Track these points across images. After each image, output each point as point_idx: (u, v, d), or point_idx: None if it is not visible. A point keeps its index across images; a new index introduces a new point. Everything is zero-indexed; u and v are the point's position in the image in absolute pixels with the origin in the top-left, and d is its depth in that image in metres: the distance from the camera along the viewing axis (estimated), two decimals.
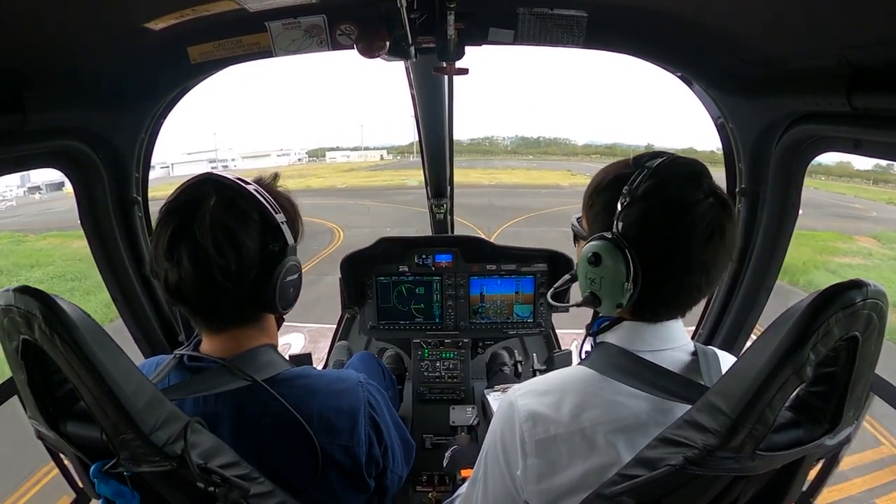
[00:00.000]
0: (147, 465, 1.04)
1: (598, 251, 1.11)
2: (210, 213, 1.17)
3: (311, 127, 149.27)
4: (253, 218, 1.22)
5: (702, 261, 1.08)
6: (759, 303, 2.10)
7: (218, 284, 1.17)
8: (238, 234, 1.19)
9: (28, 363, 1.07)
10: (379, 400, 1.40)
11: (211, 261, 1.15)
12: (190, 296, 1.19)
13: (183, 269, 1.15)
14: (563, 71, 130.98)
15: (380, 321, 2.83)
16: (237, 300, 1.23)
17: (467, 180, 44.70)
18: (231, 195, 1.22)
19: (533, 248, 2.81)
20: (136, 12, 1.44)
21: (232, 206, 1.20)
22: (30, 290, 1.02)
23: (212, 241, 1.15)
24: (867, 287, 0.88)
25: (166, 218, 1.19)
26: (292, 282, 1.29)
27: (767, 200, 1.89)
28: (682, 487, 0.94)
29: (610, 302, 1.15)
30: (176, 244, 1.15)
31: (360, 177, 53.22)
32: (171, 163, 77.09)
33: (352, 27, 1.66)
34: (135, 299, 2.24)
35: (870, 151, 1.37)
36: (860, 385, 0.94)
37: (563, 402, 1.15)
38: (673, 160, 1.11)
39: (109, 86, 1.75)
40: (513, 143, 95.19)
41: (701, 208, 1.06)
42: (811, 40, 1.33)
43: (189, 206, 1.18)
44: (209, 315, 1.25)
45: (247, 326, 1.29)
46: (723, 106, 1.89)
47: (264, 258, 1.23)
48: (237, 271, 1.19)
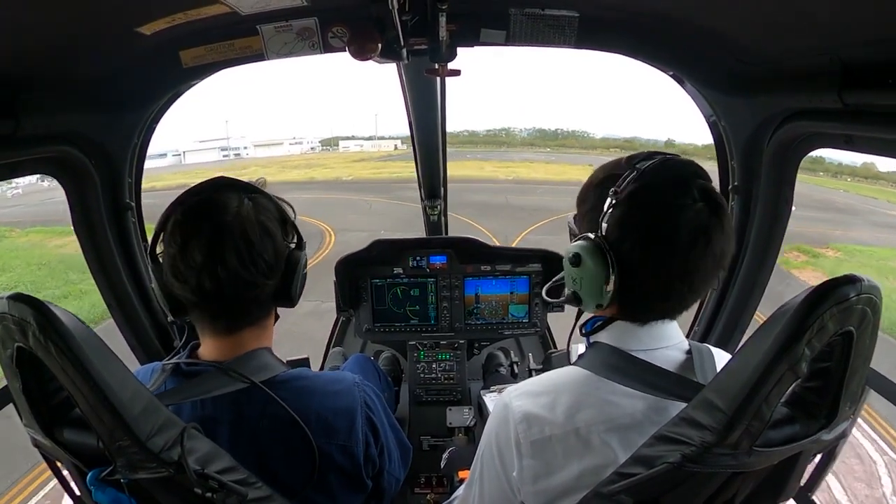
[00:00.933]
0: (144, 471, 1.04)
1: (580, 251, 1.12)
2: (248, 211, 1.22)
3: (324, 115, 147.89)
4: (275, 215, 1.29)
5: (683, 267, 1.07)
6: (754, 300, 2.11)
7: (259, 277, 1.22)
8: (271, 228, 1.25)
9: (23, 371, 1.06)
10: (375, 401, 1.41)
11: (256, 256, 1.20)
12: (222, 295, 1.20)
13: (227, 266, 1.17)
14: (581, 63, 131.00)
15: (375, 324, 2.82)
16: (265, 293, 1.27)
17: (482, 174, 41.33)
18: (253, 195, 1.28)
19: (527, 249, 2.82)
20: (128, 17, 1.44)
21: (259, 204, 1.27)
22: (24, 297, 1.02)
23: (258, 237, 1.21)
24: (861, 282, 0.89)
25: (195, 221, 1.20)
26: (305, 275, 1.36)
27: (760, 198, 1.89)
28: (680, 485, 0.94)
29: (590, 302, 1.16)
30: (218, 244, 1.17)
31: (368, 168, 49.06)
32: (182, 150, 76.65)
33: (343, 29, 1.66)
34: (129, 305, 2.23)
35: (861, 147, 1.38)
36: (855, 380, 0.95)
37: (557, 403, 1.15)
38: (663, 162, 1.10)
39: (102, 91, 1.74)
40: (530, 135, 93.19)
41: (686, 214, 1.05)
42: (803, 38, 1.34)
43: (218, 208, 1.21)
44: (230, 315, 1.27)
45: (253, 327, 1.30)
46: (715, 104, 1.90)
47: (286, 252, 1.30)
48: (275, 265, 1.26)
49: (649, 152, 1.14)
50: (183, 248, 1.18)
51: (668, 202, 1.06)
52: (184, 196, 1.25)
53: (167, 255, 1.21)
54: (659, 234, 1.06)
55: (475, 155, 59.31)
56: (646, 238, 1.07)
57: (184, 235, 1.18)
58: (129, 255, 2.18)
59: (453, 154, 60.44)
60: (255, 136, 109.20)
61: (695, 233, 1.05)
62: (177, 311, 1.27)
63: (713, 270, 1.11)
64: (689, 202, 1.05)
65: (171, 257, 1.20)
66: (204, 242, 1.17)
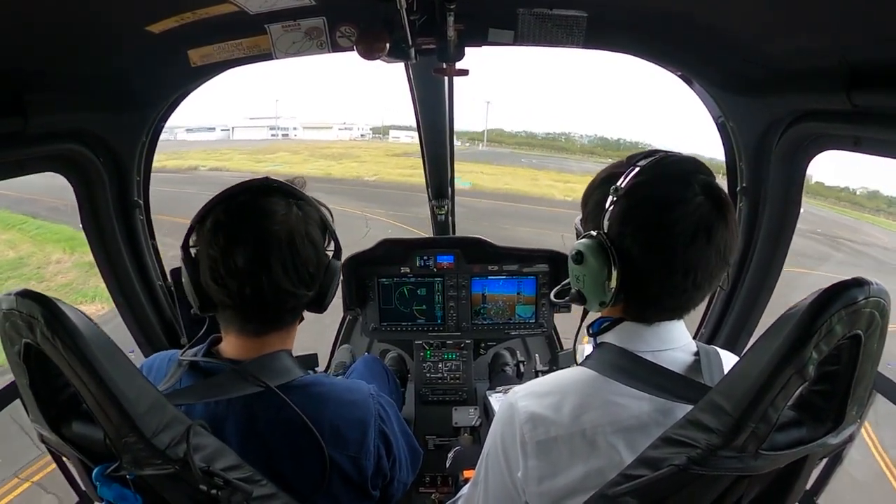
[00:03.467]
0: (150, 468, 1.04)
1: (582, 249, 1.12)
2: (296, 219, 1.21)
3: (379, 102, 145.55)
4: (318, 222, 1.28)
5: (684, 262, 1.07)
6: (762, 302, 2.10)
7: (300, 288, 1.22)
8: (315, 238, 1.25)
9: (30, 367, 1.07)
10: (389, 412, 1.40)
11: (300, 267, 1.20)
12: (262, 302, 1.20)
13: (272, 276, 1.17)
14: (643, 75, 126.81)
15: (382, 323, 2.83)
16: (303, 302, 1.28)
17: (536, 189, 33.85)
18: (300, 201, 1.26)
19: (534, 249, 2.82)
20: (138, 15, 1.45)
21: (304, 212, 1.26)
22: (31, 293, 1.03)
23: (304, 247, 1.20)
24: (869, 285, 0.88)
25: (240, 226, 1.18)
26: (339, 283, 1.37)
27: (769, 199, 1.89)
28: (686, 487, 0.94)
29: (593, 300, 1.15)
30: (263, 253, 1.16)
31: (403, 166, 40.37)
32: (231, 126, 76.99)
33: (352, 29, 1.66)
34: (137, 303, 2.25)
35: (870, 149, 1.37)
36: (863, 383, 0.94)
37: (563, 404, 1.15)
38: (663, 158, 1.10)
39: (110, 89, 1.75)
40: (591, 142, 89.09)
41: (686, 207, 1.05)
42: (811, 39, 1.33)
43: (265, 213, 1.20)
44: (263, 319, 1.26)
45: (281, 331, 1.30)
46: (723, 105, 1.89)
47: (326, 263, 1.30)
48: (316, 275, 1.26)
49: (650, 150, 1.15)
50: (225, 251, 1.16)
51: (667, 196, 1.06)
52: (226, 194, 1.23)
53: (206, 256, 1.19)
54: (659, 227, 1.06)
55: (531, 160, 56.54)
56: (645, 232, 1.07)
57: (227, 238, 1.17)
58: (137, 252, 2.19)
59: (507, 156, 56.37)
60: (305, 117, 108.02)
61: (695, 226, 1.05)
62: (206, 307, 1.25)
63: (717, 266, 1.10)
64: (690, 196, 1.05)
65: (212, 259, 1.18)
66: (249, 249, 1.16)
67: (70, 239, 16.39)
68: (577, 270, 1.15)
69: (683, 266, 1.07)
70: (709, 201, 1.06)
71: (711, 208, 1.06)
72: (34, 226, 18.52)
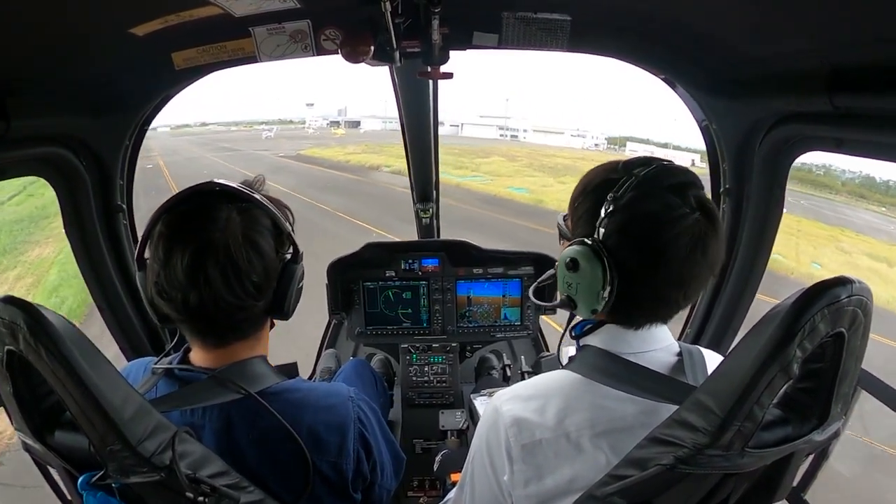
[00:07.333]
0: (135, 476, 1.02)
1: (577, 257, 1.11)
2: (236, 226, 1.15)
3: (620, 111, 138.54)
4: (267, 227, 1.22)
5: (680, 275, 1.08)
6: (745, 302, 2.12)
7: (247, 300, 1.17)
8: (261, 245, 1.19)
9: (13, 374, 1.05)
10: (369, 415, 1.38)
11: (243, 277, 1.14)
12: (208, 315, 1.15)
13: (211, 287, 1.11)
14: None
15: (367, 327, 2.81)
16: (255, 312, 1.22)
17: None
18: (245, 205, 1.20)
19: (519, 251, 2.82)
20: (121, 18, 1.43)
21: (250, 217, 1.19)
22: (14, 300, 1.01)
23: (244, 257, 1.14)
24: (852, 284, 0.89)
25: (179, 236, 1.13)
26: (301, 288, 1.30)
27: (752, 200, 1.91)
28: (673, 486, 0.94)
29: (585, 307, 1.15)
30: (201, 263, 1.11)
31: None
32: (461, 122, 76.45)
33: (336, 32, 1.66)
34: (120, 308, 2.22)
35: (851, 150, 1.39)
36: (847, 380, 0.95)
37: (547, 407, 1.15)
38: (661, 170, 1.10)
39: (93, 92, 1.73)
40: None
41: (684, 223, 1.05)
42: (793, 41, 1.35)
43: (206, 220, 1.14)
44: (218, 332, 1.22)
45: (245, 340, 1.26)
46: (706, 107, 1.91)
47: (280, 267, 1.24)
48: (264, 284, 1.19)
49: (645, 158, 1.15)
50: (165, 263, 1.12)
51: (667, 212, 1.06)
52: (171, 202, 1.18)
53: (151, 269, 1.16)
54: (658, 242, 1.06)
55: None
56: (645, 246, 1.08)
57: (166, 250, 1.12)
58: (121, 257, 2.16)
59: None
60: (536, 119, 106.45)
61: (692, 242, 1.06)
62: (163, 320, 1.21)
63: (707, 277, 1.12)
64: (687, 211, 1.06)
65: (155, 273, 1.14)
66: (187, 260, 1.11)
67: None
68: (569, 277, 1.15)
69: (678, 279, 1.09)
70: (704, 217, 1.07)
71: (707, 224, 1.07)
72: None
